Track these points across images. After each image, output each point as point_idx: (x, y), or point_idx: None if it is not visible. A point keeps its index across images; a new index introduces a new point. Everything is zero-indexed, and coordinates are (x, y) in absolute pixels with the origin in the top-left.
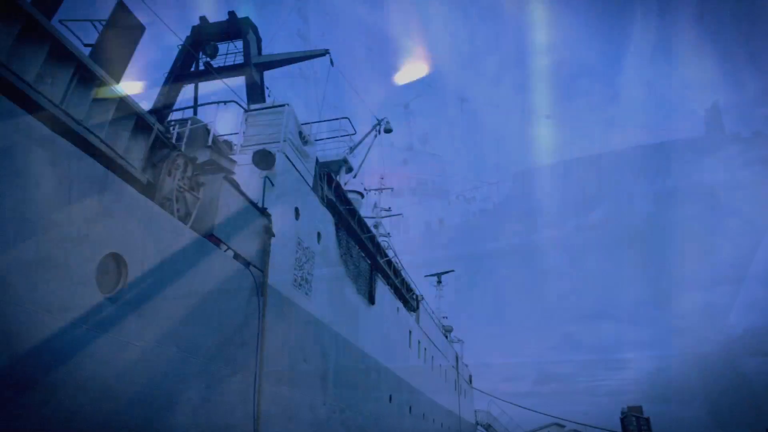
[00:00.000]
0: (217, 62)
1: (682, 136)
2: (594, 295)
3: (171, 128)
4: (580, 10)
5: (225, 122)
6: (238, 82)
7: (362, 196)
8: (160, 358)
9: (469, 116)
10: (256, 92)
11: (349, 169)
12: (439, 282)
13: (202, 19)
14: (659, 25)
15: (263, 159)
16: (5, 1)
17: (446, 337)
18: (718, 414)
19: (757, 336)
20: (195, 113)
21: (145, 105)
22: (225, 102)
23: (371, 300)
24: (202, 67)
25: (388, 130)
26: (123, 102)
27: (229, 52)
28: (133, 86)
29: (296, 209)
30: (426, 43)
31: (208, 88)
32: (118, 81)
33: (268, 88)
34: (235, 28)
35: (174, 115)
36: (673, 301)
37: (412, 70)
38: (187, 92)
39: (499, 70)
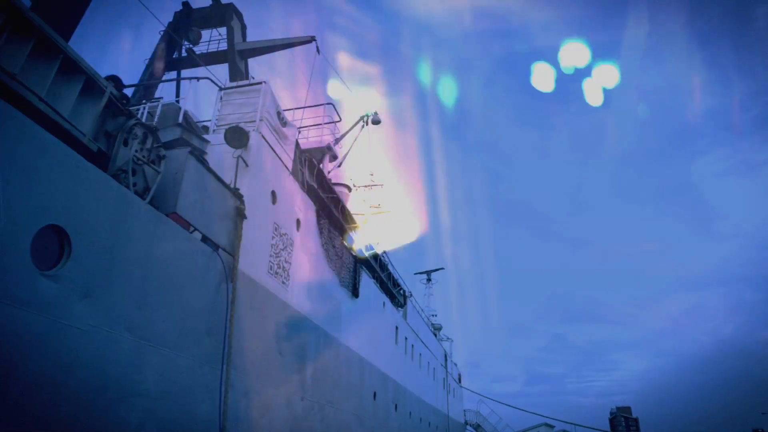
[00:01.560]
0: (200, 48)
1: (672, 140)
2: (584, 296)
3: (141, 104)
4: (571, 13)
5: (207, 111)
6: (224, 69)
7: (349, 189)
8: (111, 344)
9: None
10: (239, 79)
11: (333, 157)
12: (429, 280)
13: (185, 4)
14: (650, 29)
15: (235, 136)
16: None
17: (435, 335)
18: (706, 414)
19: (744, 337)
20: (177, 98)
21: (127, 92)
22: (198, 78)
23: (355, 293)
24: (185, 54)
25: (376, 122)
26: (68, 59)
27: (212, 38)
28: (101, 60)
29: (273, 192)
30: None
31: (191, 74)
32: (66, 38)
33: (253, 77)
34: (218, 14)
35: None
36: (660, 303)
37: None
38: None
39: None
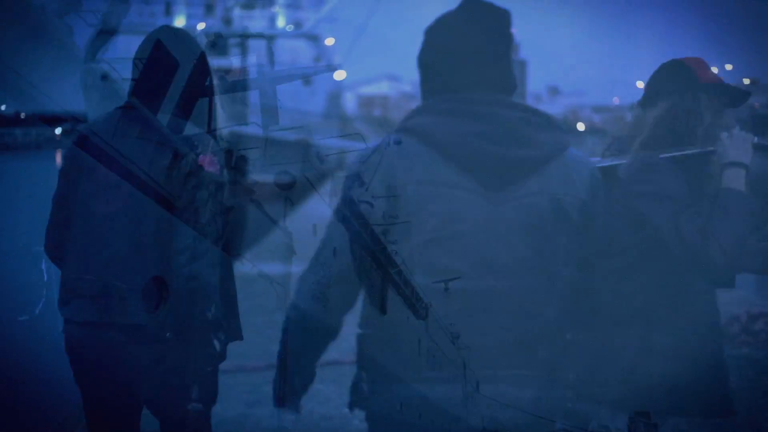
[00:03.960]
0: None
1: None
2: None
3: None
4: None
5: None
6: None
7: (372, 206)
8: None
9: None
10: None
11: (362, 184)
12: (446, 289)
13: (217, 34)
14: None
15: (283, 180)
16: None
17: (453, 343)
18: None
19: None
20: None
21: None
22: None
23: (383, 311)
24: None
25: (398, 142)
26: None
27: None
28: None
29: (314, 226)
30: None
31: None
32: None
33: (279, 100)
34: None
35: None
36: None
37: None
38: None
39: None
